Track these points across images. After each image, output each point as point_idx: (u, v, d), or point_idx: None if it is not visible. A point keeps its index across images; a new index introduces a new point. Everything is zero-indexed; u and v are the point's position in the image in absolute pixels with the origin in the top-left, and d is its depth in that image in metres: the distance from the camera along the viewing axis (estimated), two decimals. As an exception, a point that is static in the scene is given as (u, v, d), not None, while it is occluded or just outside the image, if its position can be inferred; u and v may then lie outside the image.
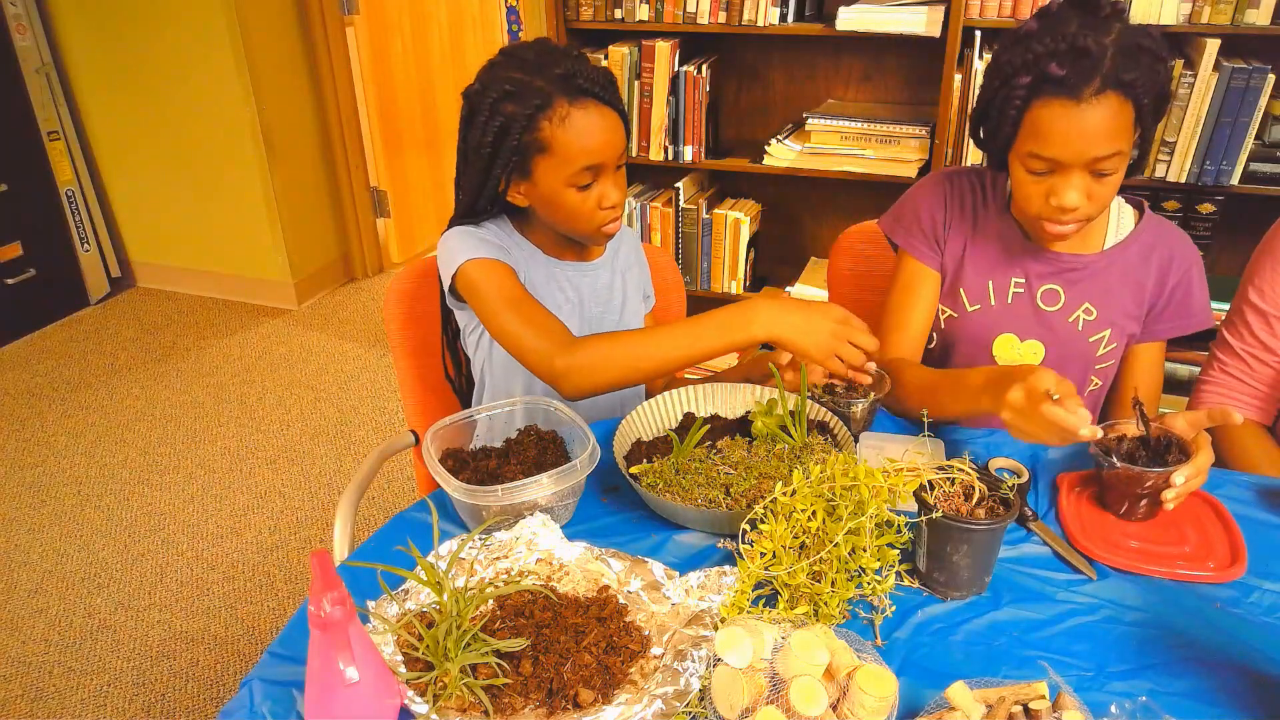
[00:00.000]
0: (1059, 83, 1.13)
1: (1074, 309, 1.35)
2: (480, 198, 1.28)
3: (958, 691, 0.77)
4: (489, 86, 1.22)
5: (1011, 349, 1.38)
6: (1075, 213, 1.20)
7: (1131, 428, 1.10)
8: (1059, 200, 1.19)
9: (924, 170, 2.36)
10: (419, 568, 0.87)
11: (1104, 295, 1.34)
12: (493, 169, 1.24)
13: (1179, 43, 2.17)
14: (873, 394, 1.25)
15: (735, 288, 2.68)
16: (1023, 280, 1.36)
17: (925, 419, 1.15)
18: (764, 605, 0.93)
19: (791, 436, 1.17)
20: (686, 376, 1.59)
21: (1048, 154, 1.17)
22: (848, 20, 2.23)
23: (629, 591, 0.95)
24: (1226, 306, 1.42)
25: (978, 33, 2.16)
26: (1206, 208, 2.15)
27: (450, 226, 1.34)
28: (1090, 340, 1.36)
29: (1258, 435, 1.36)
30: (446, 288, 1.32)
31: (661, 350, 1.15)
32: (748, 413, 1.28)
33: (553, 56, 1.22)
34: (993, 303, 1.38)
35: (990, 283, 1.38)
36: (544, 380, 1.19)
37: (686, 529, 1.08)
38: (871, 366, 1.21)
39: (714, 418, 1.28)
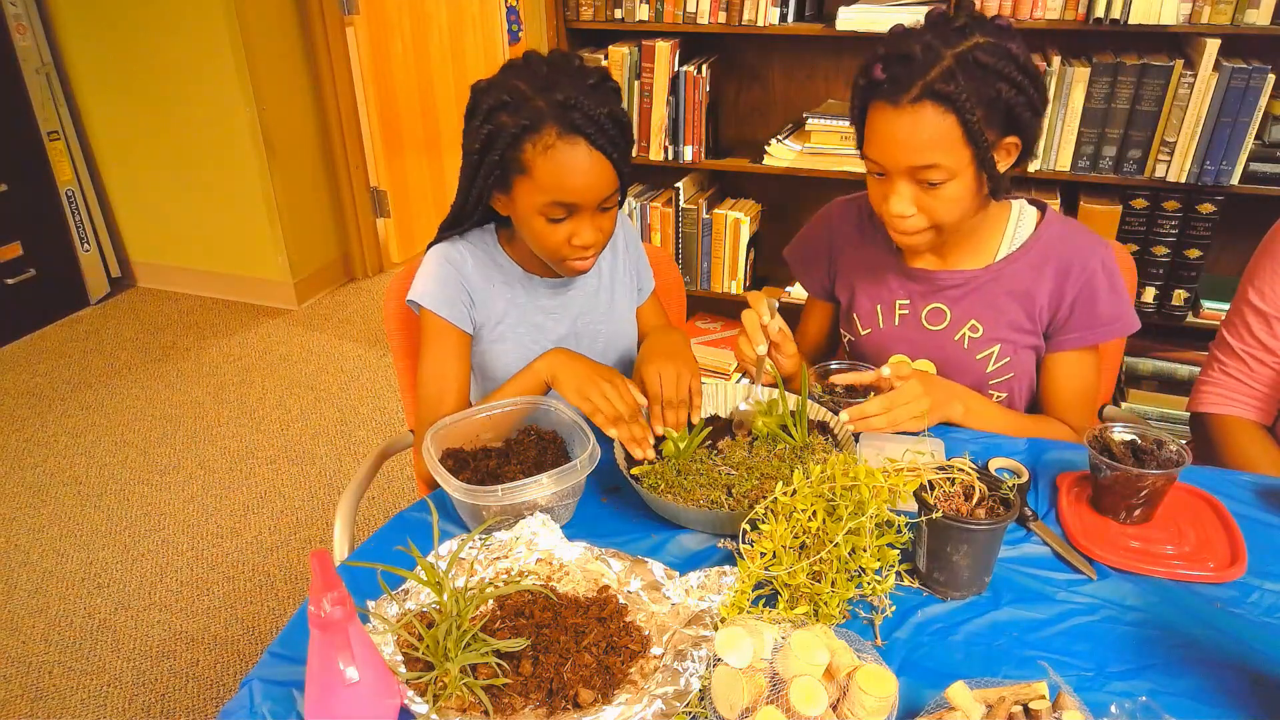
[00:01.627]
0: (880, 86, 1.12)
1: (959, 327, 1.33)
2: (468, 199, 1.27)
3: (958, 691, 0.77)
4: (493, 88, 1.18)
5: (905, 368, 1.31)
6: (907, 221, 1.18)
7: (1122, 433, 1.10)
8: (886, 206, 1.19)
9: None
10: (419, 568, 0.87)
11: (990, 311, 1.31)
12: (478, 174, 1.21)
13: (1179, 43, 2.17)
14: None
15: (735, 288, 2.68)
16: (907, 301, 1.36)
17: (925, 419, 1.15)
18: (764, 605, 0.93)
19: (792, 436, 1.17)
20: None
21: (873, 157, 1.17)
22: (848, 20, 2.23)
23: (629, 591, 0.96)
24: (1226, 306, 1.41)
25: (978, 33, 2.15)
26: (1206, 208, 2.15)
27: (439, 233, 1.34)
28: (978, 358, 1.32)
29: (1258, 435, 1.35)
30: (408, 298, 1.34)
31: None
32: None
33: (564, 77, 1.16)
34: (881, 325, 1.39)
35: (879, 306, 1.38)
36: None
37: (687, 529, 1.08)
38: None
39: (714, 418, 1.29)
